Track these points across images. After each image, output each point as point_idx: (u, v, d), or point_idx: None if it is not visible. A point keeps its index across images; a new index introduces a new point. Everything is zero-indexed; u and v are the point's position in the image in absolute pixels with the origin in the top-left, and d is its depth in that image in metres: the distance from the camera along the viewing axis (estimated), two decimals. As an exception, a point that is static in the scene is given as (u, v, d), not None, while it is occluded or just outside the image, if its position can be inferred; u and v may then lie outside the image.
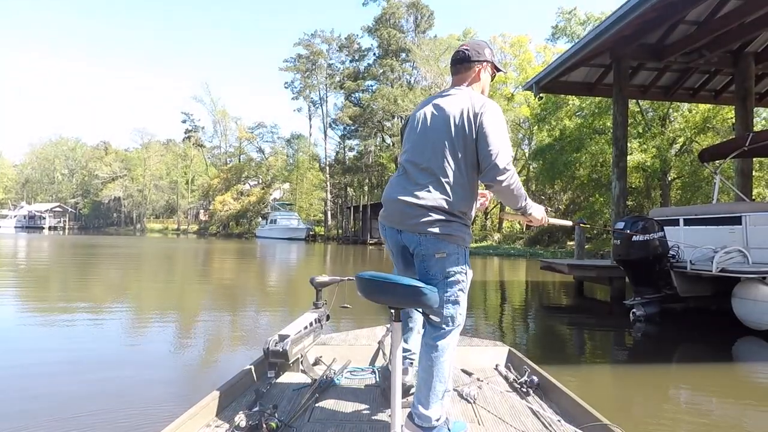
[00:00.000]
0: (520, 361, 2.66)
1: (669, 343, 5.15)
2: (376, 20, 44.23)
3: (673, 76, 9.41)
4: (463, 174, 1.75)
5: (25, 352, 4.24)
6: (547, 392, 2.29)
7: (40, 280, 9.83)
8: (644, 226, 5.53)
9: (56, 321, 5.59)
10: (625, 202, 7.84)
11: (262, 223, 48.49)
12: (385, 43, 43.53)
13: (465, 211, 1.78)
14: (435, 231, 1.72)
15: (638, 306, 5.68)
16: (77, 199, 79.53)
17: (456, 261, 1.77)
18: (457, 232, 1.75)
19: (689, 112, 20.82)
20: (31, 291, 8.25)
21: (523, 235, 28.30)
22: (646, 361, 4.49)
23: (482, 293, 9.13)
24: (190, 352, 4.36)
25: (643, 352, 4.91)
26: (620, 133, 7.91)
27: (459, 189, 1.75)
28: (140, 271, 12.23)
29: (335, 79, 50.31)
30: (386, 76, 43.67)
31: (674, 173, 21.89)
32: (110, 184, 72.49)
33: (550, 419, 1.97)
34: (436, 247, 1.74)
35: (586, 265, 7.79)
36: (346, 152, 50.41)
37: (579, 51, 7.57)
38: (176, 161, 70.55)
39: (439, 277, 1.75)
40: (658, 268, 5.61)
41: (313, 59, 50.22)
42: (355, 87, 47.22)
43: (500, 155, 1.68)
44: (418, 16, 44.37)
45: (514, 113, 31.04)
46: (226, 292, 8.56)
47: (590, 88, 9.43)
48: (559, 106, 23.42)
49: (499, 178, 1.68)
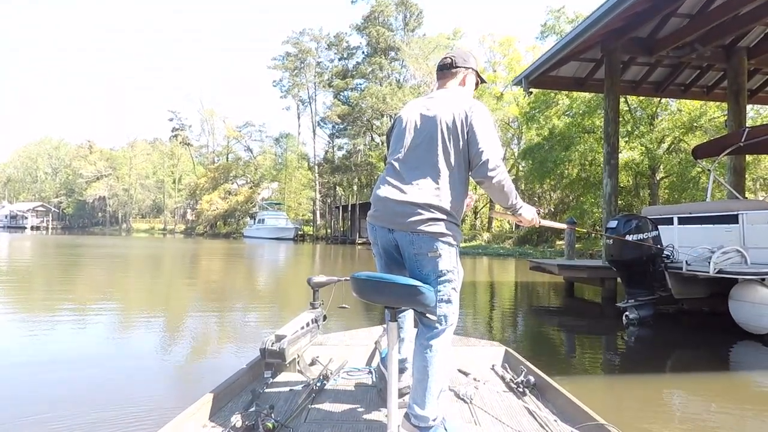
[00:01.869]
0: (517, 361, 2.65)
1: (664, 347, 4.91)
2: (365, 18, 43.92)
3: (665, 72, 9.20)
4: (453, 173, 1.78)
5: (8, 353, 4.12)
6: (543, 392, 2.28)
7: (23, 281, 9.54)
8: (638, 225, 5.27)
9: (42, 322, 5.47)
10: (616, 201, 7.60)
11: (249, 223, 47.97)
12: (374, 41, 43.26)
13: (456, 209, 1.80)
14: (428, 229, 1.74)
15: (631, 309, 5.42)
16: (61, 199, 77.78)
17: (448, 260, 1.78)
18: (450, 231, 1.77)
19: (678, 112, 20.85)
20: (13, 292, 7.96)
21: (512, 234, 28.19)
22: (641, 365, 4.28)
23: (471, 294, 8.88)
24: (185, 353, 4.28)
25: (637, 355, 4.68)
26: (611, 129, 7.67)
27: (450, 188, 1.77)
28: (126, 272, 11.89)
29: (324, 78, 49.87)
30: (375, 74, 43.38)
31: (663, 172, 21.91)
32: (95, 184, 70.99)
33: (546, 419, 1.97)
34: (429, 246, 1.76)
35: (576, 266, 7.53)
36: (335, 151, 50.11)
37: (569, 44, 7.31)
38: (163, 160, 69.33)
39: (432, 276, 1.76)
40: (652, 269, 5.35)
41: (302, 57, 49.73)
42: (343, 85, 46.87)
43: (491, 152, 1.72)
44: (407, 15, 44.17)
45: (503, 112, 30.94)
46: (215, 293, 8.36)
47: (581, 84, 9.19)
48: (549, 105, 23.29)
49: (490, 174, 1.71)
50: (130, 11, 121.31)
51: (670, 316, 6.19)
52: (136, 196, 70.90)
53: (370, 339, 3.00)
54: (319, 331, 2.77)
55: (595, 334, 5.57)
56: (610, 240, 5.37)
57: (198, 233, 55.07)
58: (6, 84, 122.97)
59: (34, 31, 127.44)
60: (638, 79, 9.34)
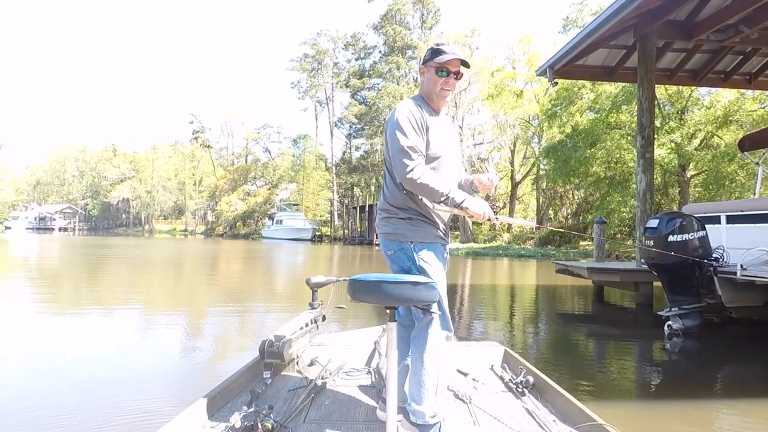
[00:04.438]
0: (516, 362, 2.63)
1: (712, 362, 4.34)
2: (382, 17, 43.57)
3: (704, 58, 8.45)
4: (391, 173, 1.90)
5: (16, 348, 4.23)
6: (542, 392, 2.27)
7: (52, 279, 9.87)
8: (682, 224, 4.68)
9: (57, 319, 5.65)
10: (652, 198, 6.95)
11: (267, 224, 48.32)
12: (391, 40, 42.89)
13: (398, 205, 1.86)
14: (381, 231, 1.92)
15: (674, 318, 4.82)
16: (87, 201, 79.81)
17: (405, 256, 1.85)
18: (397, 229, 1.86)
19: (711, 107, 19.76)
20: (33, 290, 8.17)
21: (533, 235, 27.34)
22: (687, 382, 3.75)
23: (491, 298, 8.35)
24: (188, 352, 4.26)
25: (682, 371, 4.13)
26: (646, 120, 7.03)
27: (390, 185, 1.90)
28: (148, 272, 12.18)
29: (341, 78, 49.75)
30: (392, 73, 42.98)
31: (694, 169, 20.81)
32: (119, 186, 72.63)
33: (545, 419, 1.97)
34: (385, 246, 1.91)
35: (608, 269, 6.92)
36: (353, 151, 49.95)
37: (598, 28, 6.70)
38: (184, 162, 70.40)
39: (400, 273, 1.86)
40: (699, 274, 4.75)
41: (319, 58, 49.72)
42: (360, 85, 46.66)
43: (395, 163, 1.80)
44: (425, 13, 43.61)
45: (523, 110, 30.10)
46: (231, 294, 8.31)
47: (610, 73, 8.53)
48: (572, 100, 22.43)
49: (401, 181, 1.81)
50: (150, 19, 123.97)
51: (716, 326, 5.56)
52: (158, 198, 72.12)
53: (369, 339, 2.99)
54: (318, 331, 2.79)
55: (630, 345, 5.03)
56: (651, 241, 4.79)
57: (217, 234, 55.61)
58: (34, 90, 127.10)
59: (62, 40, 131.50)
60: (674, 67, 8.62)
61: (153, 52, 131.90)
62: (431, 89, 1.92)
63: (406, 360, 2.00)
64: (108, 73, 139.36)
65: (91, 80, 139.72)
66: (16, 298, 7.20)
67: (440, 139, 1.88)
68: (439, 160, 1.87)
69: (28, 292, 7.84)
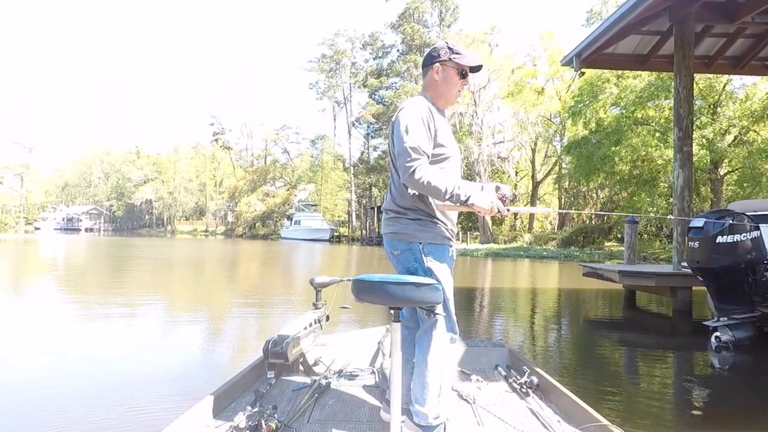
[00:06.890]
0: (520, 362, 2.61)
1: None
2: (400, 16, 43.21)
3: (747, 43, 7.77)
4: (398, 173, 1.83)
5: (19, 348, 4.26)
6: (546, 393, 2.26)
7: (77, 279, 10.29)
8: (732, 223, 4.17)
9: (78, 314, 5.86)
10: (690, 195, 6.38)
11: (286, 224, 48.56)
12: (409, 39, 42.48)
13: (407, 206, 1.82)
14: (387, 231, 1.90)
15: (723, 329, 4.30)
16: (111, 202, 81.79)
17: (413, 257, 1.82)
18: (406, 229, 1.82)
19: (745, 101, 18.72)
20: (59, 288, 8.52)
21: (555, 235, 26.53)
22: (741, 400, 3.30)
23: (512, 302, 7.88)
24: (194, 351, 4.27)
25: (733, 389, 3.64)
26: (684, 110, 6.46)
27: (398, 185, 1.84)
28: (170, 272, 12.45)
29: (359, 78, 49.57)
30: (410, 72, 42.53)
31: (728, 166, 19.77)
32: (142, 187, 74.15)
33: (549, 420, 1.95)
34: (391, 246, 1.89)
35: (642, 273, 6.37)
36: (371, 151, 49.72)
37: (630, 11, 6.20)
38: (205, 164, 71.44)
39: (404, 273, 1.83)
40: (752, 279, 4.22)
41: (337, 59, 49.66)
42: (378, 84, 46.40)
43: (400, 161, 1.73)
44: (443, 10, 42.98)
45: (545, 108, 29.31)
46: (248, 294, 8.39)
47: (642, 61, 7.94)
48: (595, 95, 21.59)
49: (405, 182, 1.76)
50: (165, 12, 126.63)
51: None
52: (179, 199, 73.32)
53: (373, 340, 2.98)
54: (321, 331, 2.79)
55: (668, 356, 4.55)
56: (696, 242, 4.28)
57: (237, 235, 56.13)
58: (60, 93, 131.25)
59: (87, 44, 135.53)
60: (712, 54, 7.98)
61: (176, 56, 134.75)
62: (448, 89, 1.88)
63: (410, 360, 1.98)
64: (132, 75, 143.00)
65: (114, 83, 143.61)
66: (41, 296, 7.44)
67: (449, 139, 1.87)
68: (449, 160, 1.86)
69: (53, 290, 8.15)
